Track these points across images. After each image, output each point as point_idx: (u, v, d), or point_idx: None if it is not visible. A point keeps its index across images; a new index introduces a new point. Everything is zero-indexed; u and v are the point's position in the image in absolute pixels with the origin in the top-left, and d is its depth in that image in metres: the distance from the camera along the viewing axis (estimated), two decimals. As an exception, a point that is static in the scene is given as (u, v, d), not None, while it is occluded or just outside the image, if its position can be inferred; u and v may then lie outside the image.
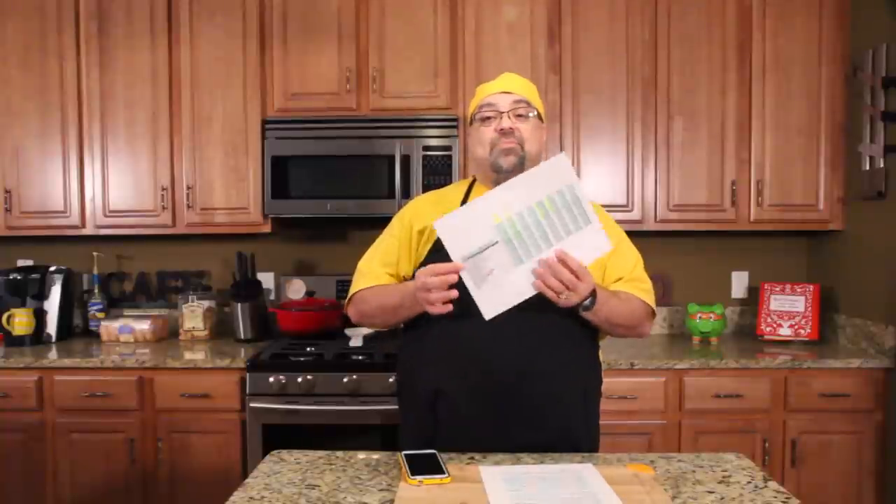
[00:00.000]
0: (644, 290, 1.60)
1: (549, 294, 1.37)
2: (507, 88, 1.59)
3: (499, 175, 1.55)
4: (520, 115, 1.57)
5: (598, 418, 1.62)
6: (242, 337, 2.95)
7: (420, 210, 1.65)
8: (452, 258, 1.35)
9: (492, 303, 1.35)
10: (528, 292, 1.37)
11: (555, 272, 1.35)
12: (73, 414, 2.57)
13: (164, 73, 2.87)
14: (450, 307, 1.38)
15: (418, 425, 1.55)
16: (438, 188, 1.81)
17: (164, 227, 2.91)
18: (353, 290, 1.67)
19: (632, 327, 1.59)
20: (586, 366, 1.57)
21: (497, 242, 1.34)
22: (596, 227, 1.35)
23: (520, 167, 1.54)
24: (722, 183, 2.82)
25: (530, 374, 1.47)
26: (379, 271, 1.64)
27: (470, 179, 1.72)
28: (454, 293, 1.36)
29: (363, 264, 1.68)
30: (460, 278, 1.36)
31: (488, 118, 1.58)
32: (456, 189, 1.72)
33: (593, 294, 1.42)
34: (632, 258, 1.64)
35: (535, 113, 1.59)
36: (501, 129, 1.55)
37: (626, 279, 1.60)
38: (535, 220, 1.34)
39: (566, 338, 1.51)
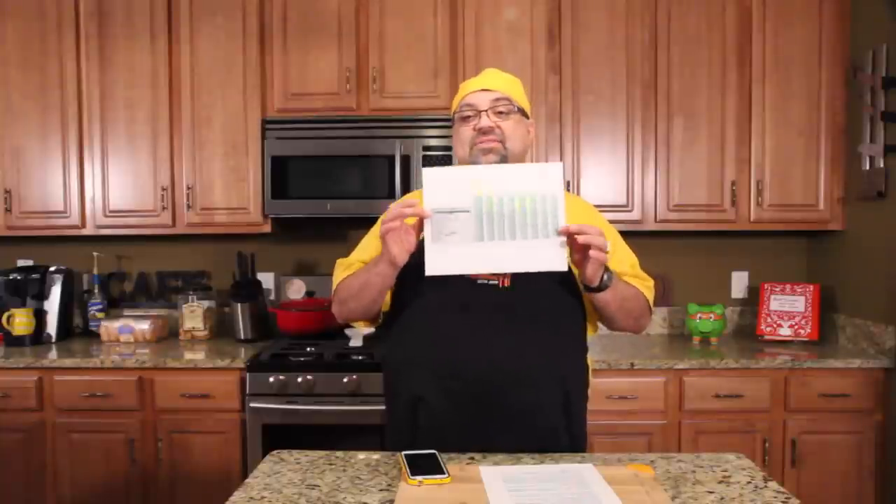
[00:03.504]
0: (647, 287, 1.61)
1: (591, 240, 1.32)
2: (487, 86, 1.58)
3: None
4: (500, 113, 1.55)
5: (584, 423, 1.57)
6: (242, 337, 2.95)
7: None
8: (425, 207, 1.36)
9: (439, 262, 1.37)
10: (474, 269, 1.38)
11: (586, 227, 1.33)
12: (73, 414, 2.57)
13: (164, 73, 2.87)
14: (405, 253, 1.37)
15: (399, 428, 1.55)
16: None
17: (164, 227, 2.91)
18: (334, 284, 1.66)
19: (638, 317, 1.58)
20: (570, 371, 1.53)
21: (469, 212, 1.36)
22: (560, 242, 1.35)
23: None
24: (722, 183, 2.82)
25: (509, 382, 1.45)
26: (357, 265, 1.62)
27: None
28: (412, 232, 1.36)
29: (342, 259, 1.68)
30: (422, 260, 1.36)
31: (468, 117, 1.57)
32: None
33: (607, 269, 1.40)
34: (629, 257, 1.63)
35: (517, 109, 1.58)
36: (480, 128, 1.54)
37: (630, 275, 1.60)
38: (511, 210, 1.36)
39: (549, 342, 1.49)
